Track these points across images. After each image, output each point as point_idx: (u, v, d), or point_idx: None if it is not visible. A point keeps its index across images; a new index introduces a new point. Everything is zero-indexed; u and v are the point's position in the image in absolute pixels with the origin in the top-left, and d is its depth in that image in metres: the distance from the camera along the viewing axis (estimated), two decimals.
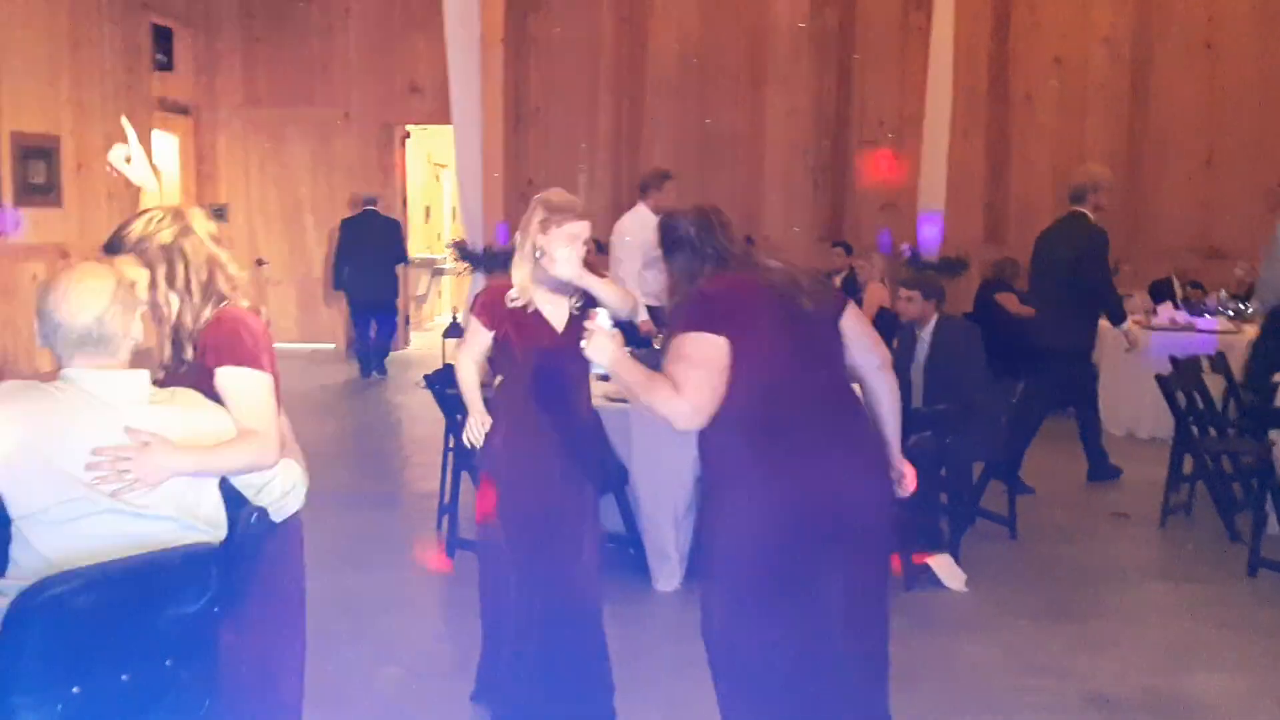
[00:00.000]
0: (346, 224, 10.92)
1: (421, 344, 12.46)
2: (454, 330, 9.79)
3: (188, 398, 2.45)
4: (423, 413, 8.78)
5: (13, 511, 2.21)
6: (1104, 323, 8.66)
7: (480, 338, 3.52)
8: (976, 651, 4.31)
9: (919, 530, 5.07)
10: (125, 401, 2.28)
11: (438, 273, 14.39)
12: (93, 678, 2.12)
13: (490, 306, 3.49)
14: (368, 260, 10.62)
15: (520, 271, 3.42)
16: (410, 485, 6.86)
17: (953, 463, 5.34)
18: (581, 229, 3.38)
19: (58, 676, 2.07)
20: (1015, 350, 7.89)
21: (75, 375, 2.30)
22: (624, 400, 4.49)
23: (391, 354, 11.24)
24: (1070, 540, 5.71)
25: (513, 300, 3.42)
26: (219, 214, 11.54)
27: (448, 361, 8.07)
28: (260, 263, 11.82)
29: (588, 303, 3.42)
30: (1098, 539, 5.76)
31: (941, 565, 5.00)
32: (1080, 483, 6.80)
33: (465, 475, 5.38)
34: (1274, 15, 10.68)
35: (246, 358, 2.57)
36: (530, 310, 3.44)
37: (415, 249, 13.12)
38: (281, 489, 2.60)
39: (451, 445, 5.47)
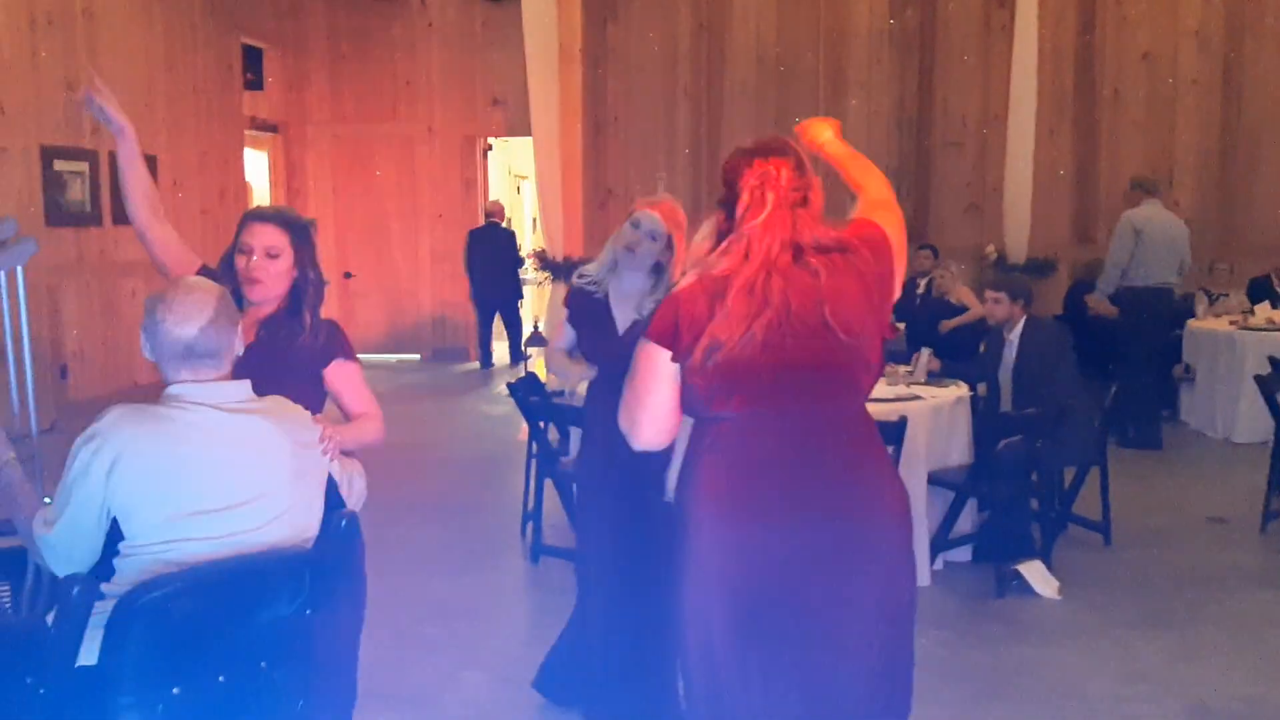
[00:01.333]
0: (473, 234, 11.56)
1: (503, 354, 12.58)
2: (536, 339, 9.87)
3: (281, 404, 2.51)
4: (507, 421, 8.87)
5: (128, 533, 2.25)
6: (1200, 324, 8.45)
7: (566, 331, 3.54)
8: (1071, 660, 4.21)
9: (1009, 537, 4.98)
10: (230, 409, 2.35)
11: None
12: (192, 679, 2.18)
13: (573, 297, 3.54)
14: (491, 266, 11.42)
15: (601, 263, 3.47)
16: (495, 492, 6.92)
17: (1043, 467, 5.23)
18: (648, 220, 3.39)
19: (159, 677, 2.13)
20: (1105, 352, 7.74)
21: (181, 391, 2.35)
22: None
23: (473, 363, 11.73)
24: (1167, 546, 5.56)
25: (582, 277, 3.45)
26: None
27: (530, 370, 8.14)
28: (347, 275, 12.08)
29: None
30: (1196, 545, 5.59)
31: (1033, 572, 4.90)
32: (1175, 487, 6.62)
33: (549, 482, 5.41)
34: None
35: (353, 352, 3.01)
36: (601, 301, 3.47)
37: None
38: (361, 481, 2.75)
39: (535, 452, 5.51)
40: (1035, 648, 4.33)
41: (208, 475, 2.28)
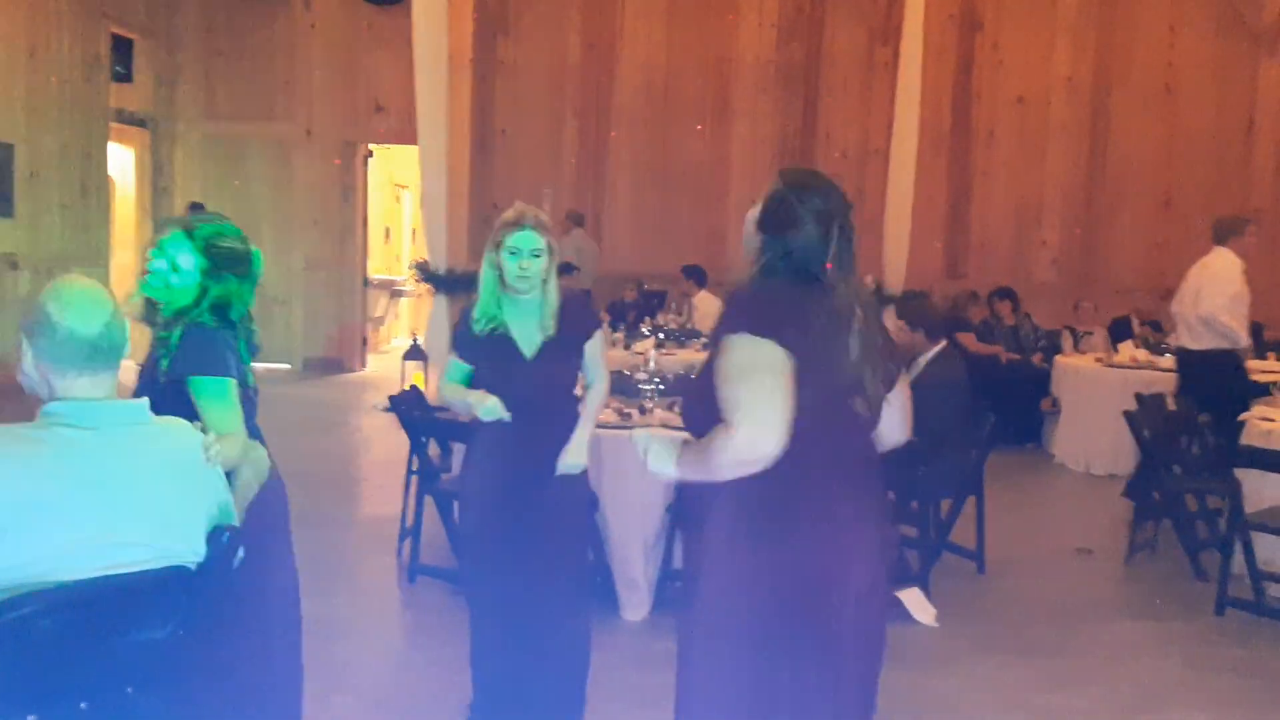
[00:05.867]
0: None
1: (378, 366, 12.27)
2: (414, 353, 9.63)
3: (179, 426, 2.31)
4: (380, 436, 8.63)
5: None
6: (1066, 360, 8.74)
7: (455, 371, 3.43)
8: (949, 688, 4.24)
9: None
10: (108, 429, 2.14)
11: (396, 294, 14.23)
12: (50, 706, 1.99)
13: (462, 337, 3.42)
14: None
15: (482, 294, 3.34)
16: (368, 509, 6.71)
17: (923, 496, 5.29)
18: (524, 239, 3.26)
19: (14, 704, 1.93)
20: (979, 387, 7.92)
21: (63, 410, 2.10)
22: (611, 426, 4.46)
23: (347, 375, 11.34)
24: (1038, 575, 5.68)
25: (477, 327, 3.32)
26: None
27: (413, 383, 7.93)
28: None
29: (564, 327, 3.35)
30: (1065, 574, 5.73)
31: (911, 599, 4.94)
32: (1043, 517, 6.79)
33: (429, 499, 5.25)
34: (1230, 61, 10.89)
35: (222, 367, 2.69)
36: (498, 335, 3.35)
37: (374, 270, 12.98)
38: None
39: (415, 468, 5.34)
40: (913, 674, 4.34)
41: (82, 508, 2.04)
